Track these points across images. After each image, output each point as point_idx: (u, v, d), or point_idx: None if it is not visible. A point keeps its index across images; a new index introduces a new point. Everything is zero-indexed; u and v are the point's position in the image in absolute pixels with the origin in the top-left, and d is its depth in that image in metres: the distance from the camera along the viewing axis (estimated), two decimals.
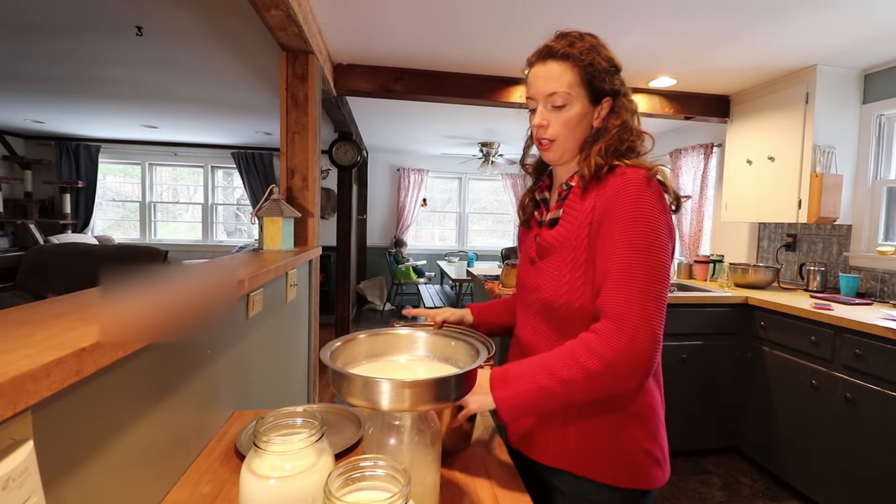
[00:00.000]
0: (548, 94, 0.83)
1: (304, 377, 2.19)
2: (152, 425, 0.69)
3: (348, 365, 0.72)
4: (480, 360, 0.66)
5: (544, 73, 0.84)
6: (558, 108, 0.84)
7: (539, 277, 0.88)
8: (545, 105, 0.85)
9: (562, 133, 0.85)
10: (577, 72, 0.82)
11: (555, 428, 0.84)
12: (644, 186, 0.77)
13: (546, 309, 0.86)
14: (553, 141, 0.86)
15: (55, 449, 0.48)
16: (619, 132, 0.84)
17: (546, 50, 0.84)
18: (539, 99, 0.85)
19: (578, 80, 0.82)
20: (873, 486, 1.87)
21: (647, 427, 0.83)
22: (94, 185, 5.72)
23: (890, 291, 2.47)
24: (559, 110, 0.84)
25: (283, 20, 1.73)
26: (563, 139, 0.86)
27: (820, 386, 2.10)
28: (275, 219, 1.86)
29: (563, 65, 0.83)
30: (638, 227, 0.74)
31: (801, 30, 2.15)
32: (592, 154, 0.83)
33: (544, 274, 0.87)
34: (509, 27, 2.24)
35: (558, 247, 0.85)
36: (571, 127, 0.85)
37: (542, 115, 0.85)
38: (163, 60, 2.83)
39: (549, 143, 0.87)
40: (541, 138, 0.87)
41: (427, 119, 4.25)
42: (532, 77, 0.86)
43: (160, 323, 0.63)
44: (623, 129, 0.84)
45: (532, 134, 0.93)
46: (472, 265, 4.72)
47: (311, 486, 0.54)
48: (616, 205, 0.77)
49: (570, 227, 0.84)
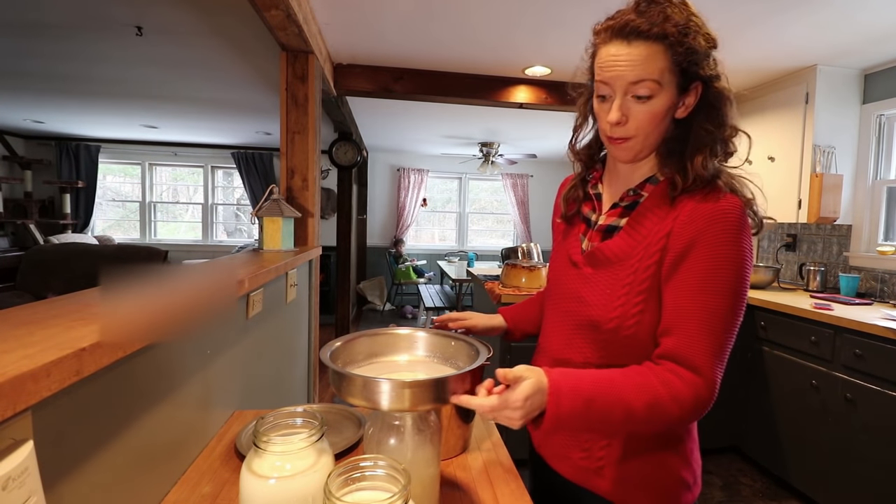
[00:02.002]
0: (632, 81, 0.68)
1: (304, 377, 2.19)
2: (152, 425, 0.69)
3: (348, 365, 0.72)
4: (480, 361, 0.66)
5: (628, 55, 0.68)
6: (642, 100, 0.69)
7: (585, 289, 0.78)
8: (624, 94, 0.70)
9: (644, 129, 0.71)
10: (670, 55, 0.67)
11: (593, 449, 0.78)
12: (742, 223, 0.68)
13: (589, 325, 0.76)
14: (631, 138, 0.72)
15: (55, 449, 0.48)
16: (717, 131, 0.72)
17: (630, 26, 0.68)
18: (617, 87, 0.70)
19: (670, 64, 0.68)
20: (873, 486, 1.87)
21: (684, 453, 0.78)
22: (94, 185, 5.72)
23: (890, 291, 2.47)
24: (643, 101, 0.69)
25: (283, 20, 1.73)
26: (644, 136, 0.72)
27: (820, 386, 2.10)
28: (275, 219, 1.86)
29: (653, 47, 0.67)
30: (728, 272, 0.66)
31: (801, 30, 2.15)
32: (694, 165, 0.70)
33: (593, 287, 0.77)
34: (509, 27, 2.24)
35: (615, 262, 0.75)
36: (657, 122, 0.71)
37: (621, 106, 0.70)
38: (163, 60, 2.83)
39: (624, 141, 0.73)
40: (615, 135, 0.73)
41: (427, 119, 4.25)
42: (605, 57, 0.70)
43: (160, 323, 0.63)
44: (722, 128, 0.72)
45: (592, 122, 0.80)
46: (472, 265, 4.72)
47: (311, 486, 0.54)
48: (707, 240, 0.67)
49: (634, 245, 0.73)
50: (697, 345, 0.66)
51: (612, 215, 0.79)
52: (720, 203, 0.68)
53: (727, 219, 0.67)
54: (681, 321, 0.67)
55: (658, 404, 0.64)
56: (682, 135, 0.74)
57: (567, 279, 0.83)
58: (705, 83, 0.71)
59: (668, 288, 0.70)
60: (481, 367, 0.66)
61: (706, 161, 0.71)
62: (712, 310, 0.66)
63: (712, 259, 0.67)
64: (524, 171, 6.60)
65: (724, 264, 0.66)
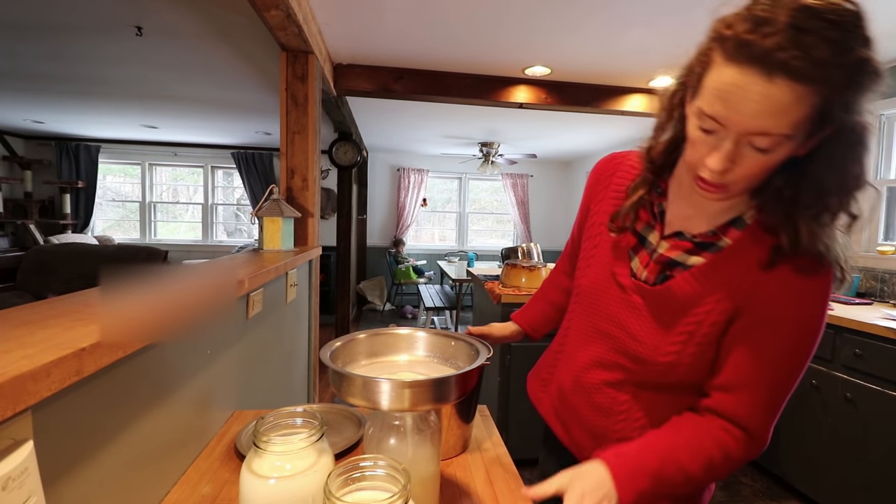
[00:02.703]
0: (756, 131, 0.52)
1: (304, 377, 2.19)
2: (152, 425, 0.69)
3: (348, 365, 0.72)
4: (480, 361, 0.66)
5: (763, 97, 0.49)
6: (759, 151, 0.54)
7: (633, 320, 0.71)
8: (736, 139, 0.54)
9: (749, 181, 0.58)
10: (818, 102, 0.50)
11: None
12: (827, 295, 0.60)
13: (633, 358, 0.72)
14: (729, 186, 0.58)
15: (55, 449, 0.48)
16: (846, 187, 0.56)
17: (778, 59, 0.48)
18: (734, 129, 0.53)
19: (811, 114, 0.51)
20: (873, 485, 1.87)
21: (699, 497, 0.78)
22: (94, 185, 5.72)
23: (890, 291, 2.47)
24: (759, 152, 0.54)
25: (283, 20, 1.74)
26: (746, 186, 0.59)
27: (820, 386, 2.10)
28: (275, 219, 1.86)
29: (802, 90, 0.49)
30: (808, 348, 0.62)
31: None
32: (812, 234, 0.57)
33: (643, 322, 0.70)
34: (509, 27, 2.24)
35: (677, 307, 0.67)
36: (767, 173, 0.57)
37: (729, 152, 0.55)
38: (163, 60, 2.83)
39: (719, 189, 0.59)
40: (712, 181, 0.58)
41: (427, 119, 4.25)
42: (726, 84, 0.52)
43: (160, 323, 0.63)
44: (855, 183, 0.56)
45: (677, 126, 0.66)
46: (472, 265, 4.72)
47: (311, 486, 0.54)
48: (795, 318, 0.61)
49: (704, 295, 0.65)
50: (759, 414, 0.65)
51: (676, 247, 0.69)
52: (818, 279, 0.59)
53: (816, 294, 0.60)
54: (747, 387, 0.65)
55: (713, 467, 0.64)
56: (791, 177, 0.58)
57: (609, 299, 0.75)
58: (842, 124, 0.53)
59: (739, 349, 0.64)
60: (481, 366, 0.66)
61: (826, 235, 0.57)
62: (782, 384, 0.65)
63: (797, 338, 0.62)
64: (524, 171, 6.60)
65: (806, 343, 0.62)
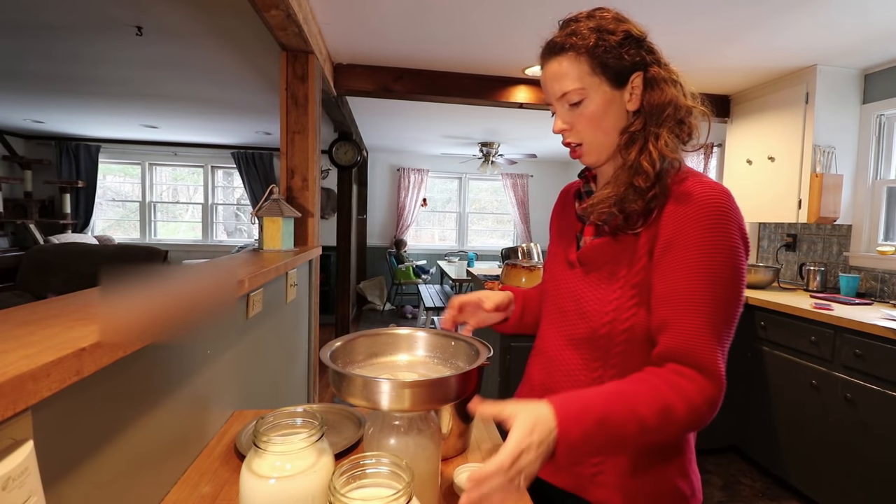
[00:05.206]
0: (559, 95, 0.74)
1: (304, 377, 2.19)
2: (152, 425, 0.69)
3: (348, 365, 0.72)
4: (480, 361, 0.66)
5: (552, 72, 0.74)
6: (576, 106, 0.73)
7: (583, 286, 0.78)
8: (562, 106, 0.75)
9: (588, 132, 0.75)
10: (585, 60, 0.71)
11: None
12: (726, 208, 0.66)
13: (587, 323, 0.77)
14: (582, 144, 0.76)
15: (55, 449, 0.48)
16: (666, 112, 0.72)
17: (548, 46, 0.75)
18: (554, 102, 0.76)
19: (589, 68, 0.71)
20: (873, 485, 1.87)
21: (681, 463, 0.76)
22: (94, 185, 5.71)
23: (890, 291, 2.47)
24: (577, 107, 0.73)
25: (283, 20, 1.73)
26: (592, 138, 0.75)
27: (820, 386, 2.10)
28: (275, 219, 1.86)
29: (568, 58, 0.72)
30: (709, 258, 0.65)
31: (801, 30, 2.15)
32: (641, 161, 0.71)
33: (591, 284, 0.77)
34: (509, 27, 2.24)
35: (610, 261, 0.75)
36: (597, 122, 0.74)
37: (562, 116, 0.76)
38: (163, 60, 2.83)
39: (579, 147, 0.77)
40: (568, 144, 0.78)
41: (427, 119, 4.25)
42: (543, 79, 0.77)
43: (160, 323, 0.63)
44: (671, 108, 0.72)
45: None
46: (472, 265, 4.72)
47: (311, 486, 0.54)
48: (683, 234, 0.67)
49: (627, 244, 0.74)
50: (697, 340, 0.64)
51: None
52: (696, 198, 0.67)
53: (703, 210, 0.66)
54: (676, 318, 0.65)
55: (669, 410, 0.61)
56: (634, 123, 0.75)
57: (564, 280, 0.83)
58: (642, 70, 0.73)
59: (656, 283, 0.68)
60: (481, 366, 0.66)
61: (654, 156, 0.70)
62: (708, 303, 0.64)
63: (698, 254, 0.65)
64: (524, 171, 6.60)
65: (713, 256, 0.65)
